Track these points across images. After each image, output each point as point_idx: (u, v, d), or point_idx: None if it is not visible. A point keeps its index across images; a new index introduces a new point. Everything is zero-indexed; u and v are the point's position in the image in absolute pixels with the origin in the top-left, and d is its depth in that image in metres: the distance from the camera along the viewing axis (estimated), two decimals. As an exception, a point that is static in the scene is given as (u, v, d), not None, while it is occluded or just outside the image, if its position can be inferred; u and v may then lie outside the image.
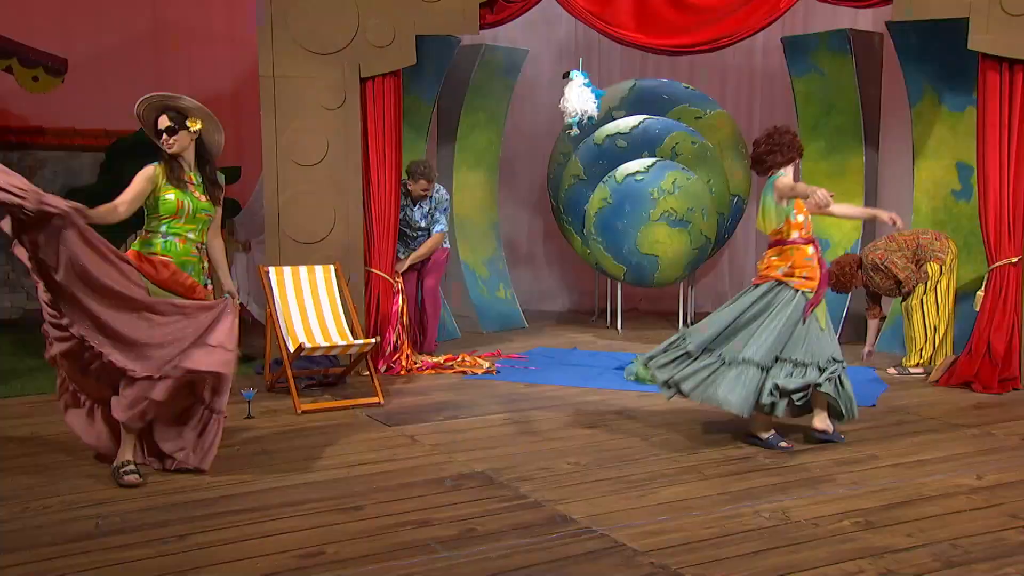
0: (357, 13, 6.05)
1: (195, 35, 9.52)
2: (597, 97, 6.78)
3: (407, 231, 6.73)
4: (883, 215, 4.55)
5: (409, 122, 7.33)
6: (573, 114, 6.62)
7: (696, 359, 4.38)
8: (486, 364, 6.34)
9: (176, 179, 4.03)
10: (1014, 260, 5.63)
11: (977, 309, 5.77)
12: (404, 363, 6.25)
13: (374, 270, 6.22)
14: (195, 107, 4.11)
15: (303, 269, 5.69)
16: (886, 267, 6.02)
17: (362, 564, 2.99)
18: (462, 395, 5.60)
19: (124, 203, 3.93)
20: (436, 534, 3.25)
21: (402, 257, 6.65)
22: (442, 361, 6.43)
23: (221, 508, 3.54)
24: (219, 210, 4.24)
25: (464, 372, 6.23)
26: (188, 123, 4.06)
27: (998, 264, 5.67)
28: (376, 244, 6.22)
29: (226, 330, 3.85)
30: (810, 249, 4.39)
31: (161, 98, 4.07)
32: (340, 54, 6.05)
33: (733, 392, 4.22)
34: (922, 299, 5.99)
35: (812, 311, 4.36)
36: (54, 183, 9.23)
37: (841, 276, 6.14)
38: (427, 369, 6.30)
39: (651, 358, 4.53)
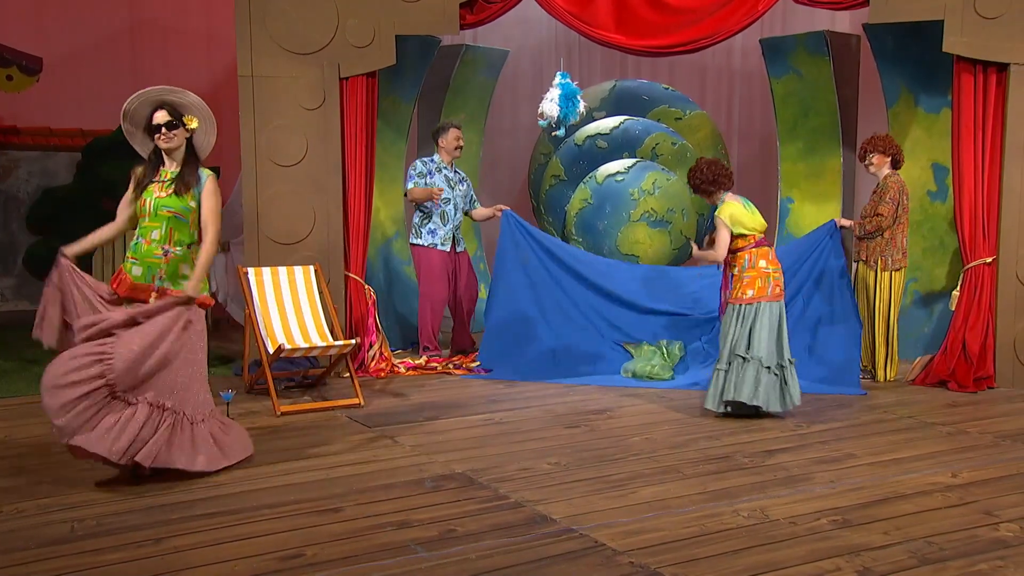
0: (336, 13, 6.03)
1: (172, 34, 9.44)
2: (574, 95, 6.80)
3: (448, 206, 6.64)
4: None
5: (389, 122, 7.31)
6: (543, 116, 6.65)
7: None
8: (472, 366, 6.31)
9: (150, 179, 3.95)
10: (988, 260, 5.70)
11: (952, 308, 5.83)
12: (384, 367, 6.21)
13: (351, 275, 6.18)
14: (196, 104, 4.00)
15: (282, 270, 5.66)
16: (882, 199, 5.82)
17: (342, 566, 2.98)
18: (442, 396, 5.59)
19: (120, 210, 3.98)
20: (416, 535, 3.25)
21: (441, 236, 6.62)
22: (423, 363, 6.41)
23: (199, 511, 3.51)
24: (206, 208, 3.93)
25: (446, 373, 6.22)
26: (185, 120, 3.96)
27: (973, 264, 5.73)
28: (350, 246, 6.18)
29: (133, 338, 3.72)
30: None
31: (159, 92, 3.96)
32: (319, 54, 6.02)
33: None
34: (875, 308, 5.87)
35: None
36: (29, 183, 9.13)
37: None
38: (408, 370, 6.29)
39: None
